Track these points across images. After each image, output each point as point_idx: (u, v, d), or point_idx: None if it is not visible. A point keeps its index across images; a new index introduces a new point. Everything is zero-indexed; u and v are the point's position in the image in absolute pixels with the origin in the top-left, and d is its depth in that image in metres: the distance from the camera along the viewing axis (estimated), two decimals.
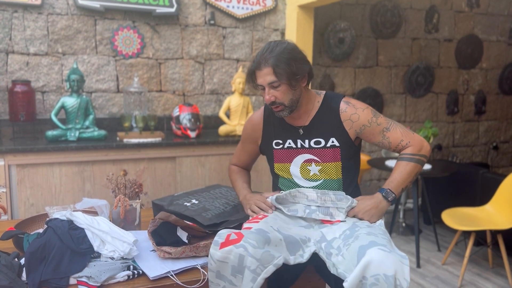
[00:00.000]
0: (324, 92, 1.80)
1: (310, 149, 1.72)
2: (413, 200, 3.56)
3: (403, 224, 4.10)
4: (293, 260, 1.49)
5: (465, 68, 4.74)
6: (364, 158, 3.87)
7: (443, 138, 4.75)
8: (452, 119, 4.77)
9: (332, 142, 1.69)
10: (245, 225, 1.57)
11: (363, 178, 4.36)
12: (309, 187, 1.73)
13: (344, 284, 1.37)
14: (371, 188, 4.42)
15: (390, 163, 3.63)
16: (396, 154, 4.22)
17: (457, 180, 3.83)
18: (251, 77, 1.68)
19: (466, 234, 3.49)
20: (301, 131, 1.73)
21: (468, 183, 3.72)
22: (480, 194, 3.55)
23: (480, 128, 4.98)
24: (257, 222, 1.56)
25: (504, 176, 3.31)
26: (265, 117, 1.83)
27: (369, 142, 1.73)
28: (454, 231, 3.75)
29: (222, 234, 1.46)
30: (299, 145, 1.73)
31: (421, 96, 4.53)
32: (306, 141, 1.72)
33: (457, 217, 3.16)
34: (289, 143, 1.75)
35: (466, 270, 3.28)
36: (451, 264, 3.40)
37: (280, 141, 1.77)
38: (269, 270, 1.41)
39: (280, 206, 1.65)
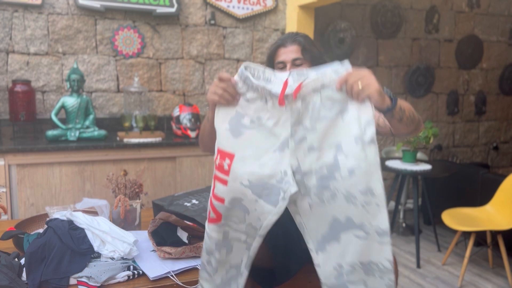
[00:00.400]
0: None
1: None
2: (413, 200, 3.56)
3: (403, 225, 4.10)
4: (276, 211, 1.26)
5: (465, 69, 4.74)
6: None
7: (443, 139, 4.75)
8: (452, 120, 4.77)
9: None
10: (217, 189, 1.33)
11: None
12: None
13: (317, 268, 1.28)
14: None
15: (390, 163, 3.63)
16: (397, 154, 4.22)
17: (458, 181, 3.83)
18: (271, 55, 1.70)
19: (466, 234, 3.49)
20: None
21: (468, 183, 3.72)
22: (480, 195, 3.55)
23: (480, 129, 4.98)
24: (225, 181, 1.30)
25: (504, 176, 3.31)
26: None
27: None
28: (454, 231, 3.75)
29: (208, 208, 1.39)
30: None
31: (421, 96, 4.53)
32: None
33: (457, 218, 3.16)
34: None
35: (466, 270, 3.27)
36: (451, 264, 3.40)
37: None
38: (258, 240, 1.31)
39: (248, 74, 1.27)
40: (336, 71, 1.20)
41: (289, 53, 1.64)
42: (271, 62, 1.70)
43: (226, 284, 1.40)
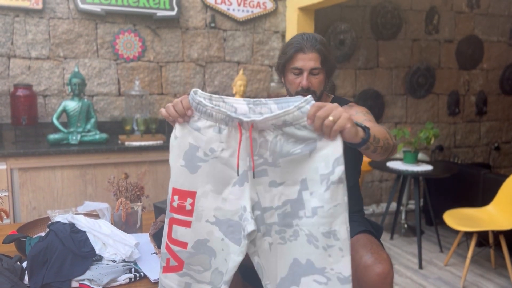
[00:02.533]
0: (332, 96, 1.82)
1: None
2: (414, 201, 3.56)
3: (405, 225, 4.10)
4: (240, 250, 1.17)
5: (465, 69, 4.74)
6: (365, 159, 3.87)
7: (444, 139, 4.75)
8: (453, 120, 4.77)
9: None
10: (175, 234, 1.24)
11: (365, 180, 4.36)
12: None
13: None
14: (373, 190, 4.42)
15: (391, 164, 3.63)
16: (398, 155, 4.23)
17: (459, 181, 3.83)
18: (287, 59, 1.64)
19: (468, 235, 3.49)
20: None
21: (470, 184, 3.72)
22: (482, 195, 3.55)
23: (482, 129, 4.97)
24: (188, 222, 1.22)
25: (505, 176, 3.30)
26: None
27: None
28: (456, 232, 3.75)
29: (163, 255, 1.27)
30: None
31: (422, 97, 4.53)
32: None
33: (459, 218, 3.16)
34: None
35: (469, 271, 3.27)
36: (454, 265, 3.39)
37: None
38: None
39: (200, 99, 1.17)
40: (299, 107, 1.08)
41: (308, 60, 1.60)
42: (284, 65, 1.66)
43: None
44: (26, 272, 1.43)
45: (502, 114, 5.06)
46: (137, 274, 1.51)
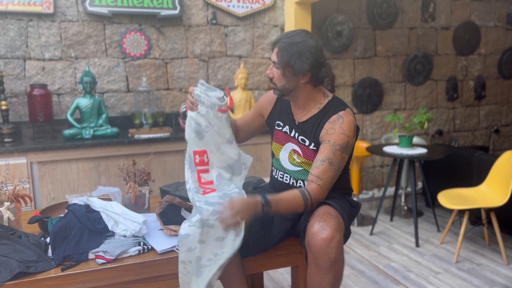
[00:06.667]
0: (331, 97, 1.86)
1: (298, 142, 1.87)
2: (410, 183, 3.71)
3: (405, 208, 4.26)
4: (243, 175, 1.97)
5: (463, 55, 4.85)
6: (363, 145, 4.03)
7: (444, 124, 4.88)
8: (452, 105, 4.90)
9: (313, 146, 1.82)
10: (204, 179, 1.86)
11: (366, 165, 4.52)
12: (291, 170, 1.89)
13: None
14: (374, 175, 4.58)
15: (388, 149, 3.79)
16: (395, 140, 4.37)
17: (455, 163, 3.97)
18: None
19: (462, 213, 3.64)
20: (297, 122, 1.89)
21: (465, 165, 3.86)
22: (476, 176, 3.69)
23: (481, 113, 5.09)
24: (207, 170, 1.89)
25: (497, 157, 3.44)
26: (278, 97, 1.96)
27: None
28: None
29: (200, 190, 1.81)
30: (292, 134, 1.89)
31: (420, 83, 4.66)
32: (297, 134, 1.87)
33: (452, 198, 3.31)
34: (287, 128, 1.91)
35: (464, 248, 3.43)
36: (449, 242, 3.56)
37: (281, 124, 1.94)
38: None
39: (198, 92, 1.86)
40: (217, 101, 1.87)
41: (273, 53, 1.78)
42: None
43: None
44: (50, 246, 1.65)
45: (501, 97, 5.17)
46: (145, 247, 1.72)
